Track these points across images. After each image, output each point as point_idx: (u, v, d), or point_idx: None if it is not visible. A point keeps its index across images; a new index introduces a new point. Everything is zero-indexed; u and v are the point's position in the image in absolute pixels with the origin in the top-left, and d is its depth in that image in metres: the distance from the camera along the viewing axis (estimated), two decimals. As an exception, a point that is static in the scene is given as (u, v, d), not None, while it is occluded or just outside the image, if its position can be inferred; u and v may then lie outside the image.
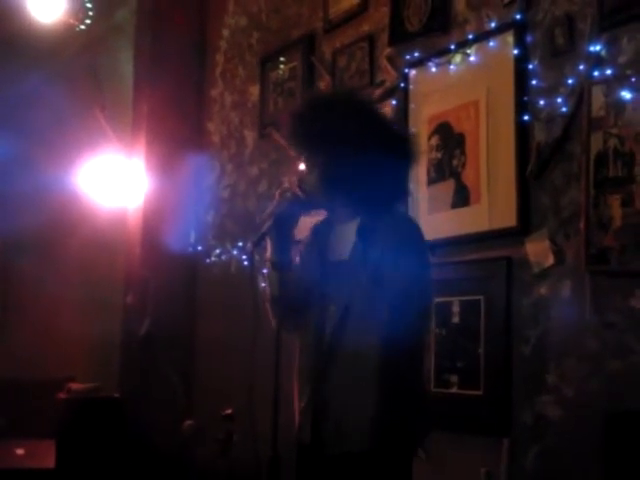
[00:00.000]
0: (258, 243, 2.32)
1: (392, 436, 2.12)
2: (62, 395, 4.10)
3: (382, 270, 2.14)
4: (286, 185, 3.95)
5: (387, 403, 2.10)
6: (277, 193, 2.38)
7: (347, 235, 2.26)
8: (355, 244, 2.23)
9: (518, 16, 2.98)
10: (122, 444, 4.02)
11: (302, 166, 2.35)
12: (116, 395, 4.28)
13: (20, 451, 4.21)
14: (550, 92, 2.86)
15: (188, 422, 3.95)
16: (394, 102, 3.49)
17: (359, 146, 2.21)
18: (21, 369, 4.97)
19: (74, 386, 4.18)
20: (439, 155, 3.26)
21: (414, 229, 2.29)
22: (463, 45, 3.18)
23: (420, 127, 3.33)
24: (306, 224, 2.44)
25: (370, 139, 2.23)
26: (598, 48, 2.70)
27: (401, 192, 2.38)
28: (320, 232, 2.38)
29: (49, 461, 3.85)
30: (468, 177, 3.13)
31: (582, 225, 2.66)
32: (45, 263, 5.17)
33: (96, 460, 3.91)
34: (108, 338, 4.82)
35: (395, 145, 2.30)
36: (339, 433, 2.14)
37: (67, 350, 5.16)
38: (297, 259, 2.40)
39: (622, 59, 2.64)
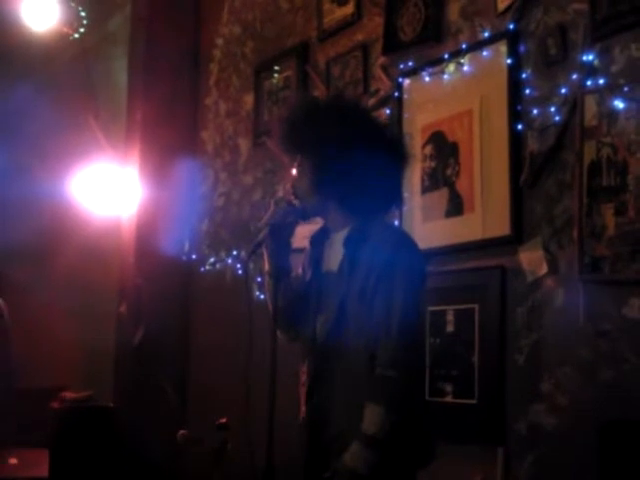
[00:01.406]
0: (253, 252, 2.32)
1: (390, 456, 2.07)
2: (55, 404, 4.08)
3: (371, 281, 2.13)
4: (281, 194, 3.95)
5: (381, 420, 2.05)
6: (272, 202, 2.37)
7: (339, 245, 2.25)
8: (343, 257, 2.22)
9: (511, 26, 2.99)
10: (116, 453, 4.00)
11: (294, 171, 2.33)
12: (110, 404, 4.26)
13: (13, 460, 4.19)
14: (543, 101, 2.87)
15: (182, 431, 3.94)
16: (388, 111, 3.49)
17: (349, 150, 2.18)
18: (14, 378, 4.94)
19: (67, 395, 4.16)
20: (433, 164, 3.27)
21: (405, 238, 2.28)
22: (457, 54, 3.19)
23: (414, 136, 3.33)
24: (303, 232, 2.43)
25: (360, 142, 2.20)
26: (591, 58, 2.71)
27: (394, 196, 2.36)
28: (316, 241, 2.36)
29: (42, 470, 3.83)
30: (462, 186, 3.14)
31: (575, 234, 2.67)
32: (39, 272, 5.16)
33: (89, 469, 3.89)
34: (102, 347, 4.80)
35: (386, 148, 2.28)
36: (340, 449, 2.08)
37: (60, 359, 5.14)
38: (299, 269, 2.39)
39: (614, 69, 2.65)
